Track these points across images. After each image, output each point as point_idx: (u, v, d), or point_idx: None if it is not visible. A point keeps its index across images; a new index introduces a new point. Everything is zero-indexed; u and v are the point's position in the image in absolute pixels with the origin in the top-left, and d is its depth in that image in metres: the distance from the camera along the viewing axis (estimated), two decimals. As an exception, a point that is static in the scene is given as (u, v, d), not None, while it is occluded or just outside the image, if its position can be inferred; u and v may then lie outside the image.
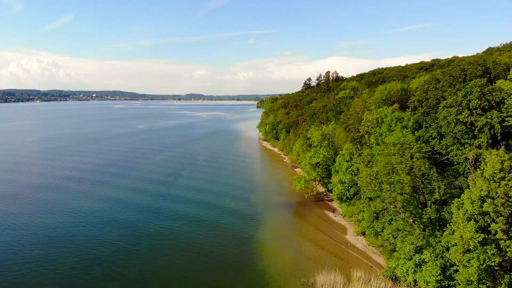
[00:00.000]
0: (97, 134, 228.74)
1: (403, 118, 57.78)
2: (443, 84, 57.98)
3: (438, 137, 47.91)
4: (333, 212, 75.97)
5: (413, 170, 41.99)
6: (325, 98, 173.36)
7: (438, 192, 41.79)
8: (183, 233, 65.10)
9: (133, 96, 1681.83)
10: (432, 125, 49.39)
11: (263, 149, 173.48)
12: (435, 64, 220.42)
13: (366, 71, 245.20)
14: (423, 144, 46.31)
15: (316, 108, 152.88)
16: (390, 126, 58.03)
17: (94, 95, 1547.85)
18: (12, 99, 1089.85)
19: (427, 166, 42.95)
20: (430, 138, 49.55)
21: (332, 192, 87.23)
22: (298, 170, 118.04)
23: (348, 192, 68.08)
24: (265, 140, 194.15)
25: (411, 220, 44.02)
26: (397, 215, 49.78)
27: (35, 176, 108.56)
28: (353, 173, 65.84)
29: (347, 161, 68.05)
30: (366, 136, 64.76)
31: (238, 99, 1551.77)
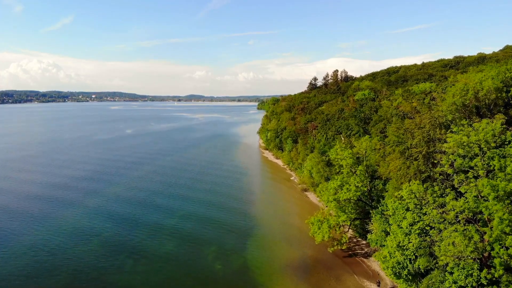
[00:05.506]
0: (77, 141, 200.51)
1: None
2: None
3: None
4: (378, 284, 47.58)
5: None
6: (338, 100, 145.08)
7: None
8: None
9: (133, 97, 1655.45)
10: None
11: (264, 161, 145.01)
12: (460, 62, 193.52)
13: (367, 71, 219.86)
14: None
15: (329, 112, 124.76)
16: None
17: (93, 96, 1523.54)
18: (9, 100, 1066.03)
19: None
20: None
21: (366, 238, 59.00)
22: (311, 196, 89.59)
23: (412, 264, 39.66)
24: (267, 149, 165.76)
25: None
26: None
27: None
28: (423, 234, 37.55)
29: (408, 210, 39.79)
30: (450, 170, 36.35)
31: (239, 100, 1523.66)
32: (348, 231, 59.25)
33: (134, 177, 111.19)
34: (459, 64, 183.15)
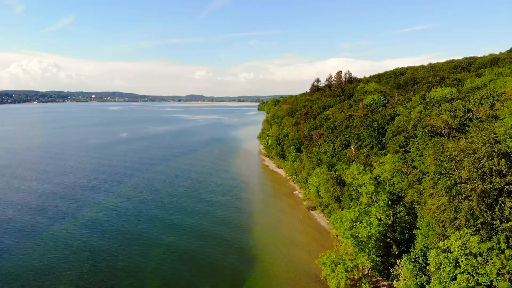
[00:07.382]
0: (66, 146, 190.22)
1: None
2: None
3: None
4: None
5: None
6: (345, 105, 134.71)
7: None
8: None
9: (133, 97, 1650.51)
10: None
11: (265, 170, 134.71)
12: (472, 63, 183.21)
13: (368, 72, 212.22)
14: None
15: (336, 119, 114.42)
16: None
17: (93, 96, 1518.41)
18: (8, 100, 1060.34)
19: None
20: None
21: (387, 277, 48.82)
22: (318, 217, 79.18)
23: None
24: (267, 156, 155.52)
25: None
26: None
27: None
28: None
29: (458, 266, 29.68)
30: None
31: (239, 100, 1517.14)
32: (368, 273, 49.00)
33: (125, 187, 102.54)
34: (470, 66, 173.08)
